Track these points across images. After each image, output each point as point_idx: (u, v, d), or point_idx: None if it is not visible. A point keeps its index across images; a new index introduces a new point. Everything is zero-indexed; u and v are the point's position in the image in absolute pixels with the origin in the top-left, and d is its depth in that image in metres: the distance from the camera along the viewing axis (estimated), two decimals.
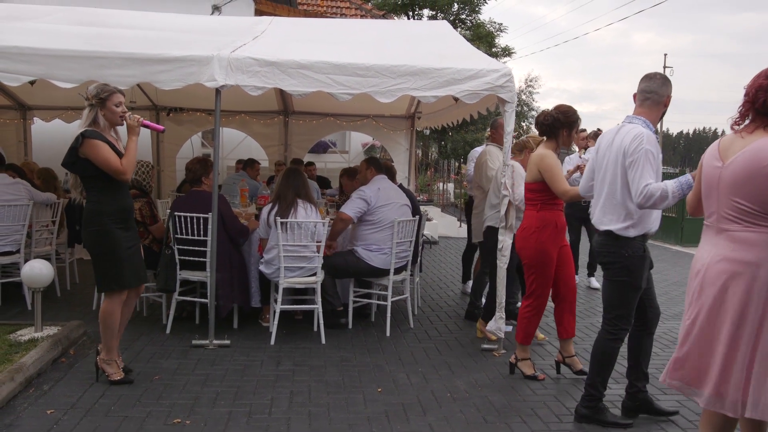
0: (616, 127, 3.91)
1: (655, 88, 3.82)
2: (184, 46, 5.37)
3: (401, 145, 10.74)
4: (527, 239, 4.66)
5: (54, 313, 6.02)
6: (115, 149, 4.19)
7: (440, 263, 10.25)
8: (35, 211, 6.56)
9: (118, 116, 4.24)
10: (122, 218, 4.32)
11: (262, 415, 4.01)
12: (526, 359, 4.89)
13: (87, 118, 4.20)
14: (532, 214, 4.69)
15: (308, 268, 5.64)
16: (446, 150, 25.18)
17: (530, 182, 4.67)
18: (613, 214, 3.82)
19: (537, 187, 4.62)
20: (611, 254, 3.86)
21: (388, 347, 5.51)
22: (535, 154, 4.69)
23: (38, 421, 3.81)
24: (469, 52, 6.19)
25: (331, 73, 5.16)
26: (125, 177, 4.23)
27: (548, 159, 4.52)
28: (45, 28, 5.87)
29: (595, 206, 4.00)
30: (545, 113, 4.72)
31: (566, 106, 4.71)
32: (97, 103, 4.19)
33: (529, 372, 4.84)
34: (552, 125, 4.63)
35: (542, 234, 4.60)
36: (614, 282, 3.89)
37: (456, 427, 3.94)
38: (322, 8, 15.55)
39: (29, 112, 9.76)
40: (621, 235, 3.80)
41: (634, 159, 3.62)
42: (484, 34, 27.11)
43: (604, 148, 3.94)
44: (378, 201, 5.93)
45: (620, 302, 3.89)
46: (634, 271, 3.82)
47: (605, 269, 3.96)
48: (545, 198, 4.60)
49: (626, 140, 3.71)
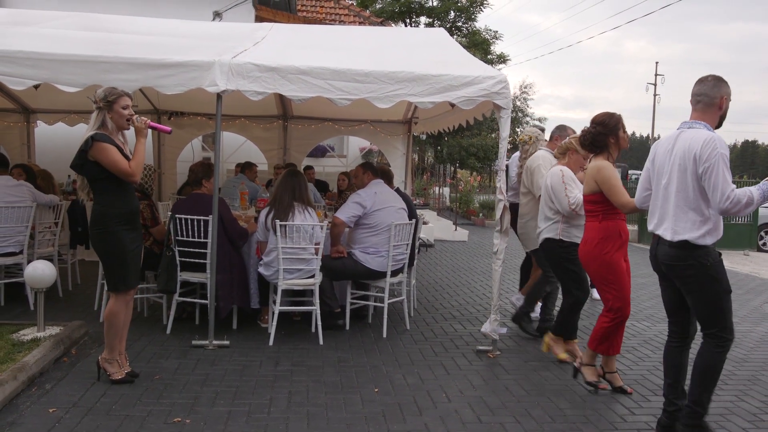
0: (674, 134, 3.75)
1: (705, 90, 3.67)
2: (186, 51, 5.37)
3: (398, 150, 10.75)
4: (591, 252, 4.51)
5: (56, 313, 6.01)
6: (122, 152, 4.21)
7: (436, 266, 10.25)
8: (38, 213, 6.56)
9: (126, 119, 4.25)
10: (129, 220, 4.33)
11: (261, 415, 4.01)
12: (591, 365, 4.70)
13: (95, 121, 4.21)
14: (594, 226, 4.52)
15: (306, 270, 5.64)
16: (442, 155, 25.23)
17: (588, 194, 4.53)
18: (687, 223, 3.61)
19: (596, 198, 4.47)
20: (691, 266, 3.62)
21: (385, 348, 5.51)
22: (591, 165, 4.52)
23: (40, 419, 3.80)
24: (465, 59, 6.20)
25: (330, 78, 5.18)
26: (134, 179, 4.24)
27: (605, 171, 4.38)
28: (50, 33, 5.87)
29: (657, 217, 3.79)
30: (585, 133, 4.59)
31: (601, 115, 4.55)
32: (104, 106, 4.20)
33: (591, 378, 4.65)
34: (594, 141, 4.51)
35: (606, 245, 4.44)
36: (702, 294, 3.64)
37: (451, 426, 3.94)
38: (321, 15, 15.55)
39: (32, 116, 9.75)
40: (699, 243, 3.58)
41: (711, 164, 3.45)
42: (479, 41, 27.23)
43: (662, 156, 3.77)
44: (375, 205, 5.94)
45: (719, 312, 3.63)
46: (721, 277, 3.61)
47: (686, 284, 3.69)
48: (606, 208, 4.43)
49: (694, 146, 3.53)
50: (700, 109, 3.69)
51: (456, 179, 21.22)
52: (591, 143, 4.53)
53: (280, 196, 5.72)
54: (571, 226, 5.10)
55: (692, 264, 3.61)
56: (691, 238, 3.59)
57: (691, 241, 3.59)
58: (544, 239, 5.25)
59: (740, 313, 7.58)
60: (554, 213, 5.13)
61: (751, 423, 4.18)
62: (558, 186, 5.05)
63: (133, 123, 4.27)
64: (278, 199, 5.71)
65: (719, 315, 3.63)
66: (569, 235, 5.10)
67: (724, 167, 3.45)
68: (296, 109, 10.14)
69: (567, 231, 5.11)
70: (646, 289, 8.87)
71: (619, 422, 4.11)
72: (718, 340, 3.63)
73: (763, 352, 5.91)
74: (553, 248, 5.19)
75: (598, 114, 4.58)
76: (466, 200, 19.84)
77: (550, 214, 5.18)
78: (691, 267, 3.62)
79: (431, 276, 9.23)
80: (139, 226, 4.49)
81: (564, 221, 5.10)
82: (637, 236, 15.43)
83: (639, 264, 11.61)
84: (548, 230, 5.20)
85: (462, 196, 19.91)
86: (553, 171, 5.19)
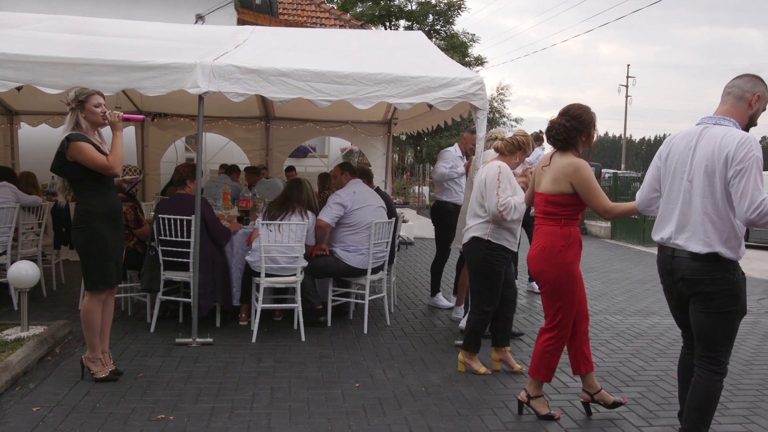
0: (695, 130, 3.23)
1: (738, 83, 3.22)
2: (168, 53, 5.33)
3: (378, 150, 10.75)
4: (550, 260, 3.84)
5: (40, 312, 5.94)
6: (99, 150, 4.16)
7: (415, 263, 10.27)
8: (21, 214, 6.46)
9: (99, 116, 4.21)
10: (111, 218, 4.29)
11: (244, 411, 3.98)
12: (539, 396, 4.04)
13: (69, 122, 4.18)
14: (554, 231, 3.85)
15: (289, 267, 5.62)
16: (422, 154, 25.27)
17: (554, 194, 3.85)
18: (716, 233, 3.09)
19: (564, 200, 3.83)
20: (717, 281, 3.11)
21: (366, 344, 5.50)
22: (565, 163, 3.82)
23: (24, 418, 3.75)
24: (442, 61, 6.21)
25: (311, 80, 5.15)
26: (113, 172, 4.18)
27: (584, 171, 3.76)
28: (32, 35, 5.79)
29: (673, 225, 3.25)
30: (555, 125, 3.90)
31: (575, 108, 3.90)
32: (77, 106, 4.17)
33: (544, 411, 4.00)
34: (568, 138, 3.85)
35: (568, 253, 3.84)
36: (720, 314, 3.14)
37: (430, 419, 3.94)
38: (302, 18, 15.49)
39: (16, 117, 9.61)
40: (728, 257, 3.09)
41: (744, 168, 2.96)
42: (457, 44, 27.28)
43: (680, 154, 3.24)
44: (354, 204, 5.93)
45: (729, 336, 3.19)
46: (742, 297, 3.17)
47: (706, 301, 3.16)
48: (571, 212, 3.86)
49: (727, 145, 3.03)
50: (730, 103, 3.21)
51: None
52: (563, 139, 3.86)
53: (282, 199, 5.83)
54: (501, 227, 4.58)
55: (719, 279, 3.12)
56: (723, 251, 3.08)
57: (722, 254, 3.09)
58: (471, 238, 4.68)
59: None
60: (485, 211, 4.57)
61: (718, 411, 4.22)
62: (491, 183, 4.48)
63: (108, 118, 4.23)
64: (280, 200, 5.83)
65: (727, 337, 3.20)
66: (499, 237, 4.59)
67: (757, 172, 2.97)
68: (278, 110, 10.11)
69: (497, 232, 4.58)
70: (618, 284, 8.97)
71: (593, 412, 4.13)
72: (718, 365, 3.21)
73: None
74: (479, 249, 4.62)
75: (572, 105, 3.93)
76: None
77: (480, 211, 4.63)
78: (717, 282, 3.12)
79: (411, 273, 9.24)
80: (121, 225, 4.45)
81: (494, 221, 4.55)
82: (610, 233, 15.56)
83: (612, 259, 11.76)
84: (477, 228, 4.65)
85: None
86: (490, 165, 4.60)
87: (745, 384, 4.83)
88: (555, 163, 3.91)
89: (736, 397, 4.54)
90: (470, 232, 4.70)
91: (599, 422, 4.00)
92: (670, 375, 4.96)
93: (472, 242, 4.67)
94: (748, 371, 5.15)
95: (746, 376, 5.03)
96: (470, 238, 4.69)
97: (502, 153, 4.68)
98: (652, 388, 4.65)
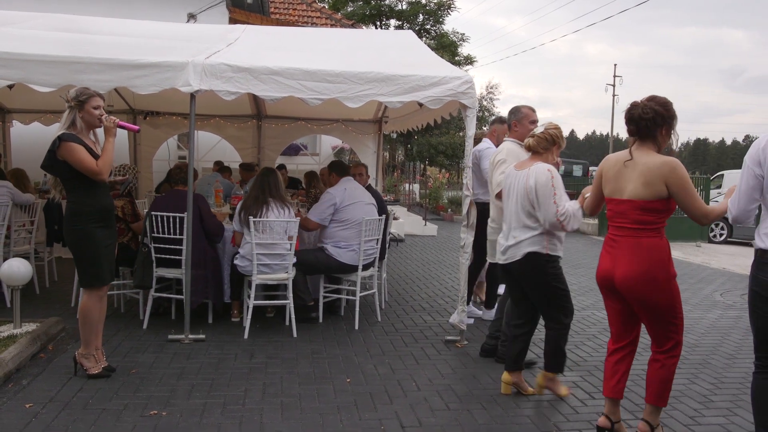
0: None
1: None
2: (160, 52, 5.29)
3: (369, 148, 10.75)
4: (658, 278, 3.36)
5: (33, 310, 5.89)
6: (92, 152, 4.13)
7: (406, 260, 10.27)
8: (13, 212, 6.41)
9: (97, 119, 4.17)
10: (102, 217, 4.25)
11: (236, 406, 3.96)
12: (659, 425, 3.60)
13: (66, 120, 4.15)
14: (657, 244, 3.36)
15: (281, 265, 5.60)
16: (412, 152, 25.28)
17: (650, 199, 3.33)
18: None
19: (661, 205, 3.34)
20: None
21: (357, 340, 5.50)
22: (657, 162, 3.32)
23: (17, 414, 3.71)
24: (432, 60, 6.20)
25: (302, 79, 5.13)
26: (101, 177, 4.15)
27: (682, 170, 3.29)
28: (24, 33, 5.73)
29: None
30: (641, 105, 3.41)
31: (663, 97, 3.43)
32: (76, 106, 4.13)
33: None
34: (653, 122, 3.36)
35: (672, 267, 3.41)
36: None
37: (421, 414, 3.95)
38: (293, 17, 15.43)
39: (8, 115, 9.55)
40: None
41: None
42: (447, 43, 27.31)
43: None
44: (345, 200, 5.93)
45: None
46: None
47: None
48: (665, 219, 3.40)
49: None
50: None
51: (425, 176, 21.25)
52: (649, 118, 3.35)
53: (254, 192, 5.68)
54: (555, 236, 4.05)
55: None
56: None
57: None
58: (527, 254, 4.01)
59: (692, 301, 7.74)
60: (536, 221, 3.99)
61: (702, 404, 4.27)
62: (546, 189, 3.89)
63: (103, 122, 4.20)
64: (254, 195, 5.67)
65: None
66: (555, 248, 4.06)
67: None
68: (270, 108, 10.08)
69: (553, 243, 4.04)
70: None
71: (579, 406, 4.15)
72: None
73: (713, 338, 6.03)
74: (539, 265, 4.01)
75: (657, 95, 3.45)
76: (435, 196, 19.89)
77: (530, 222, 4.01)
78: None
79: (402, 269, 9.24)
80: (112, 223, 4.41)
81: (548, 231, 4.00)
82: (597, 229, 15.62)
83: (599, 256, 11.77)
84: (531, 242, 4.00)
85: (431, 193, 19.96)
86: (538, 170, 3.97)
87: (729, 377, 4.86)
88: (641, 164, 3.37)
89: (720, 390, 4.57)
90: (523, 247, 4.03)
91: (587, 415, 4.01)
92: None
93: (530, 258, 4.01)
94: (731, 365, 5.19)
95: (730, 369, 5.07)
96: (525, 254, 4.02)
97: (536, 152, 4.10)
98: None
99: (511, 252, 4.08)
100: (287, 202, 5.80)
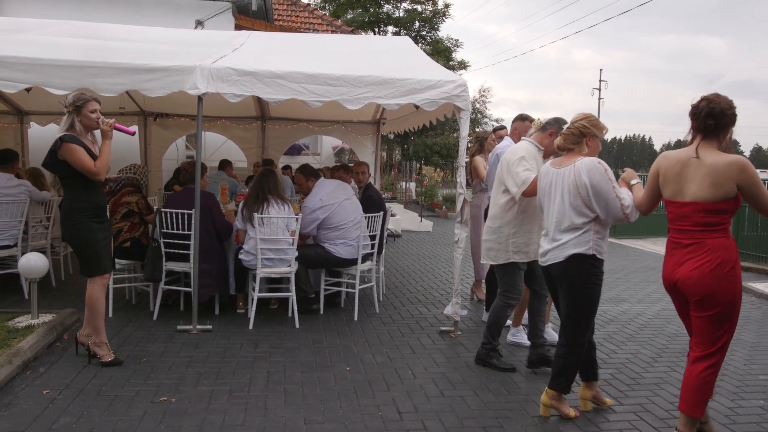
0: None
1: None
2: (169, 57, 5.28)
3: (368, 148, 10.76)
4: (725, 278, 3.12)
5: (49, 301, 5.89)
6: (90, 152, 4.15)
7: (403, 254, 10.28)
8: (31, 208, 6.42)
9: (94, 121, 4.21)
10: (96, 214, 4.29)
11: (242, 393, 3.98)
12: None
13: (65, 123, 4.18)
14: (724, 244, 3.14)
15: (284, 259, 5.61)
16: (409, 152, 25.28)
17: (718, 200, 3.11)
18: None
19: (728, 206, 3.13)
20: None
21: (356, 330, 5.51)
22: (725, 162, 3.09)
23: (35, 400, 3.73)
24: (428, 64, 6.21)
25: (304, 82, 5.13)
26: (98, 177, 4.18)
27: (752, 169, 3.08)
28: (42, 39, 5.74)
29: None
30: (725, 100, 3.15)
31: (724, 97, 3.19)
32: (73, 110, 4.17)
33: None
34: (722, 119, 3.13)
35: (738, 269, 3.19)
36: None
37: (417, 401, 3.96)
38: (296, 24, 15.40)
39: (26, 117, 9.52)
40: None
41: None
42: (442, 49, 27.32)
43: None
44: (325, 208, 5.93)
45: None
46: None
47: None
48: (730, 219, 3.19)
49: None
50: None
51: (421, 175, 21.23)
52: (717, 113, 3.13)
53: (255, 191, 5.71)
54: (602, 237, 3.63)
55: None
56: None
57: None
58: (572, 255, 3.60)
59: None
60: (585, 221, 3.59)
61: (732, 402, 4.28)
62: (605, 184, 3.49)
63: (100, 125, 4.22)
64: (254, 194, 5.70)
65: None
66: (601, 250, 3.62)
67: None
68: (273, 110, 10.08)
69: (599, 244, 3.61)
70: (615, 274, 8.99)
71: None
72: None
73: None
74: (583, 267, 3.60)
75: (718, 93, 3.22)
76: (431, 194, 19.89)
77: (578, 221, 3.59)
78: None
79: (399, 263, 9.25)
80: (106, 219, 4.45)
81: (596, 231, 3.59)
82: None
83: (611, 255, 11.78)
84: (576, 243, 3.59)
85: (427, 191, 19.95)
86: (588, 163, 3.55)
87: None
88: (707, 164, 3.13)
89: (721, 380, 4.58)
90: (567, 248, 3.62)
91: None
92: (639, 358, 5.01)
93: (574, 260, 3.61)
94: None
95: None
96: (569, 255, 3.61)
97: (569, 149, 3.72)
98: (623, 370, 4.69)
99: (553, 254, 3.70)
100: (286, 200, 5.82)
